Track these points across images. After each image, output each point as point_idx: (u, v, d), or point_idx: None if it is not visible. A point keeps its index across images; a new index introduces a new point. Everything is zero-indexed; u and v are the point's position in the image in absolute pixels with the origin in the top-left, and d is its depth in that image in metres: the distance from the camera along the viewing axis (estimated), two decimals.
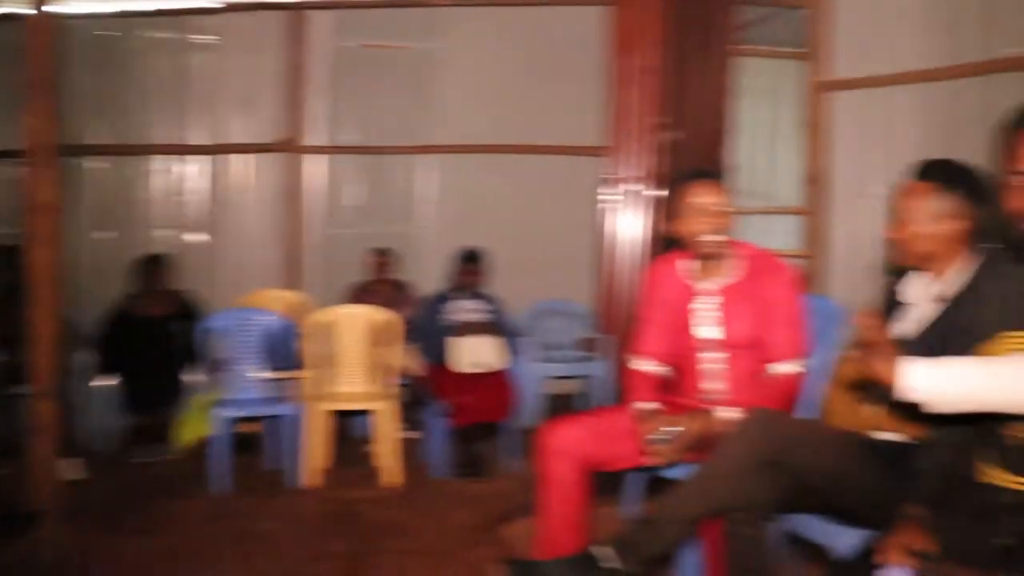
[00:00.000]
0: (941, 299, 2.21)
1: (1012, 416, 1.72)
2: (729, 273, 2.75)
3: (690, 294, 2.79)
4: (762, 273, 2.71)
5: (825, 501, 2.23)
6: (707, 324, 2.74)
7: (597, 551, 2.25)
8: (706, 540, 2.45)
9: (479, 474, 4.34)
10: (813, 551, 2.50)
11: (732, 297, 2.72)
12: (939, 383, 1.64)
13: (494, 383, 4.48)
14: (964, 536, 1.80)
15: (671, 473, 2.61)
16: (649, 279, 2.96)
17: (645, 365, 2.87)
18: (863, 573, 1.72)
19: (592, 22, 5.83)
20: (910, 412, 1.76)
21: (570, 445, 2.59)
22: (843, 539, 2.22)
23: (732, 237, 2.74)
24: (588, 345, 5.57)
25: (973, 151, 3.55)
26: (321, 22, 6.26)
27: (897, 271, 2.38)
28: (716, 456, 2.19)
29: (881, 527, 1.93)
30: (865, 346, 1.69)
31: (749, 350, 2.70)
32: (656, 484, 2.75)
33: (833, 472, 2.15)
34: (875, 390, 2.08)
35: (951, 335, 2.00)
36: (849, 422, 2.41)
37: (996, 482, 1.79)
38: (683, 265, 2.84)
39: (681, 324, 2.79)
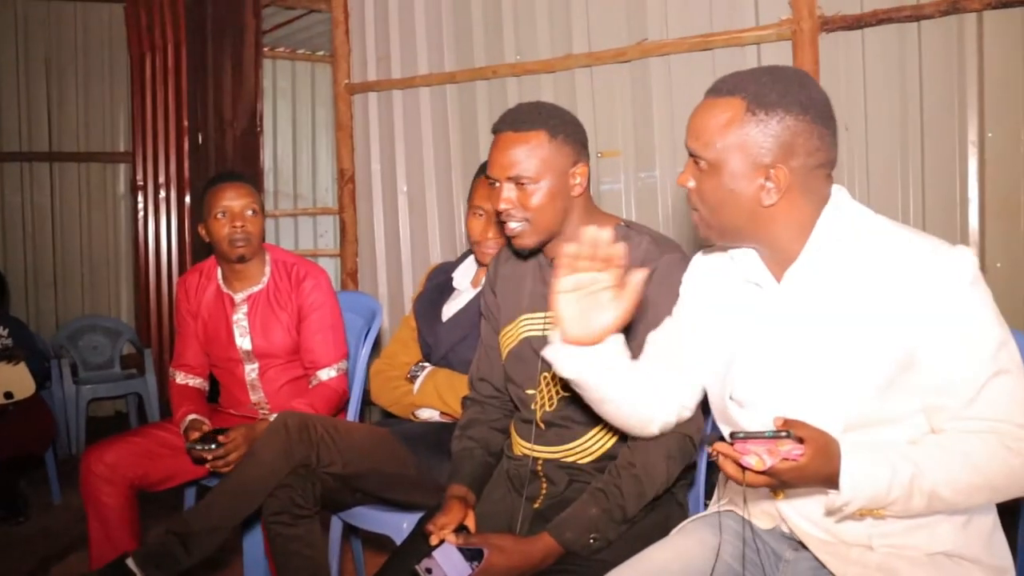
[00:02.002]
0: (475, 286, 2.45)
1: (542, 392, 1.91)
2: (258, 280, 2.72)
3: (226, 303, 2.73)
4: (292, 279, 2.71)
5: (371, 493, 2.30)
6: (241, 334, 2.70)
7: (131, 564, 2.12)
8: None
9: (20, 514, 3.95)
10: (376, 540, 2.58)
11: (260, 305, 2.70)
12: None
13: (27, 413, 4.08)
14: (501, 506, 1.95)
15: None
16: (180, 289, 2.83)
17: (186, 378, 2.79)
18: (419, 554, 1.75)
19: (113, 22, 5.57)
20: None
21: (116, 468, 2.46)
22: (400, 524, 2.26)
23: (262, 241, 2.72)
24: (132, 361, 5.31)
25: (485, 149, 4.02)
26: None
27: (462, 257, 2.58)
28: (247, 462, 2.17)
29: (430, 508, 2.01)
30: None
31: (286, 358, 2.71)
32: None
33: (370, 467, 2.22)
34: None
35: (479, 319, 2.20)
36: (393, 404, 2.55)
37: (526, 453, 1.96)
38: (218, 272, 2.77)
39: (221, 334, 2.72)
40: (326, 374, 2.66)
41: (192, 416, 2.59)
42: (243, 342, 2.69)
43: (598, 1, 3.79)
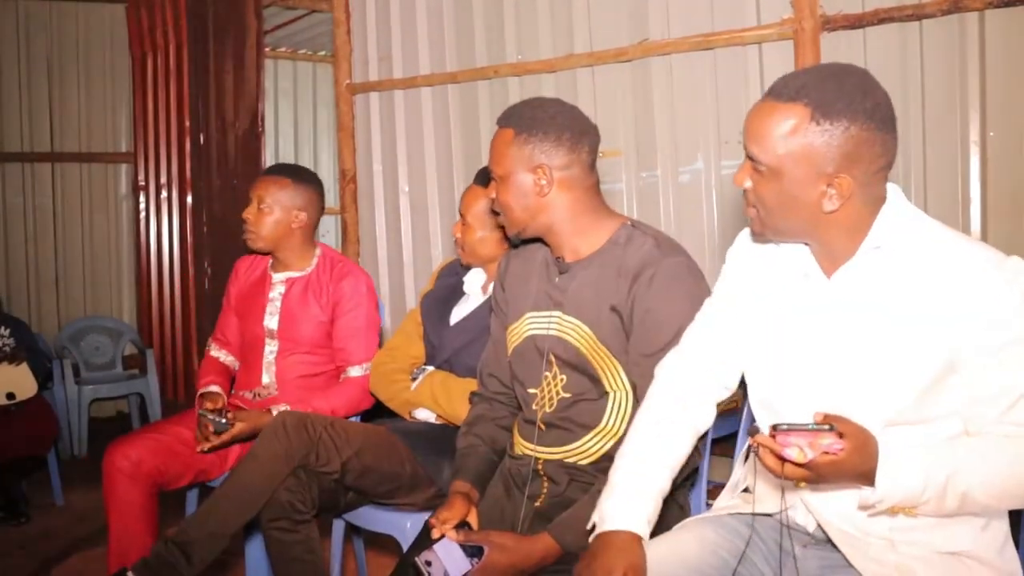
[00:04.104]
0: (484, 291, 2.44)
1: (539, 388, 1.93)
2: (302, 268, 2.79)
3: (267, 281, 2.81)
4: (334, 274, 2.76)
5: (367, 492, 2.28)
6: (271, 312, 2.76)
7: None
8: None
9: (22, 515, 3.96)
10: (378, 541, 2.58)
11: (297, 291, 2.76)
12: None
13: (29, 414, 4.08)
14: (503, 504, 1.96)
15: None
16: (235, 268, 2.95)
17: (219, 351, 2.91)
18: (421, 549, 1.77)
19: (114, 22, 5.57)
20: None
21: (140, 465, 2.47)
22: (404, 525, 2.26)
23: (278, 239, 2.76)
24: (134, 361, 5.31)
25: (486, 149, 4.01)
26: None
27: (468, 264, 2.57)
28: (247, 466, 2.15)
29: (434, 509, 2.00)
30: None
31: (308, 348, 2.74)
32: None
33: (367, 465, 2.20)
34: None
35: (487, 325, 2.20)
36: (391, 399, 2.53)
37: (527, 453, 1.96)
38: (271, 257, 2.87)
39: (253, 308, 2.80)
40: (356, 371, 2.70)
41: (213, 387, 2.69)
42: (270, 321, 2.76)
43: (599, 1, 3.78)
